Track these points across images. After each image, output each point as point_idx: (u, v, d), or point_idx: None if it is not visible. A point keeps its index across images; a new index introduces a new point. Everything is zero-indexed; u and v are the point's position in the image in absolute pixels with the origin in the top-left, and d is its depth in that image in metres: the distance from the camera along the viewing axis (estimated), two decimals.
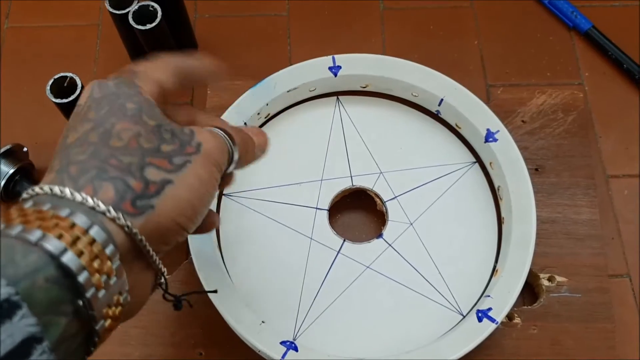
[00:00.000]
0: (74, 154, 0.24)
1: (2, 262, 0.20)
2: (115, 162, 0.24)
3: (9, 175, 0.45)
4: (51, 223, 0.21)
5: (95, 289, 0.22)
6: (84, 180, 0.23)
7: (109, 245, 0.23)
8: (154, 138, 0.25)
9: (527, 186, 0.42)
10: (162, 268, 0.26)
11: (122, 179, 0.24)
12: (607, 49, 0.53)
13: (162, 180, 0.25)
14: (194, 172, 0.26)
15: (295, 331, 0.41)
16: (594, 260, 0.44)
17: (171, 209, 0.25)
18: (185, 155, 0.26)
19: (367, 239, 0.44)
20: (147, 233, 0.24)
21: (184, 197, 0.25)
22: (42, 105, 0.47)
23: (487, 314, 0.39)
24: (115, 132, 0.25)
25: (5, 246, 0.20)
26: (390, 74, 0.46)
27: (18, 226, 0.21)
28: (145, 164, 0.24)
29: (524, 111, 0.48)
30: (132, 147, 0.25)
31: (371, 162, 0.46)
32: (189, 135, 0.26)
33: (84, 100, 0.27)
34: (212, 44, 0.54)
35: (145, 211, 0.24)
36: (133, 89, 0.27)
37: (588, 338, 0.42)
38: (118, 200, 0.23)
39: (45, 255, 0.21)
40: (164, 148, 0.25)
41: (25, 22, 0.56)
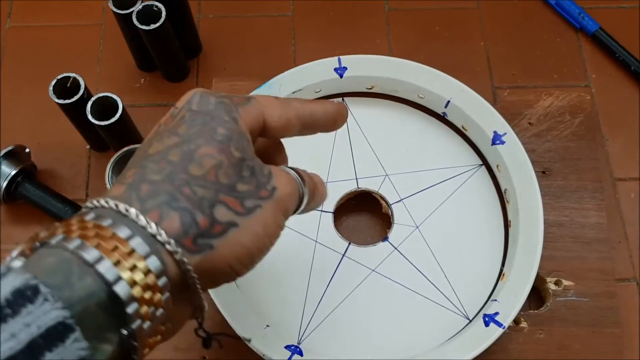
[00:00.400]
0: (150, 170, 0.24)
1: (58, 282, 0.20)
2: (188, 191, 0.23)
3: (10, 176, 0.45)
4: (110, 245, 0.21)
5: (141, 320, 0.21)
6: (152, 204, 0.23)
7: (162, 277, 0.22)
8: (232, 173, 0.25)
9: (534, 189, 0.42)
10: (205, 305, 0.25)
11: (191, 212, 0.23)
12: (614, 51, 0.52)
13: (228, 222, 0.24)
14: (262, 218, 0.25)
15: (299, 335, 0.41)
16: (601, 264, 0.44)
17: (230, 254, 0.24)
18: (257, 199, 0.25)
19: (372, 242, 0.44)
20: (199, 272, 0.23)
21: (245, 244, 0.25)
22: (45, 105, 0.47)
23: (494, 319, 0.39)
24: (198, 156, 0.24)
25: (62, 262, 0.20)
26: (396, 75, 0.45)
27: (77, 240, 0.21)
28: (217, 201, 0.24)
29: (530, 113, 0.48)
30: (209, 180, 0.24)
31: (377, 165, 0.46)
32: (267, 176, 0.26)
33: (181, 105, 0.26)
34: (216, 44, 0.54)
35: (204, 250, 0.23)
36: (230, 115, 0.26)
37: (595, 343, 0.42)
38: (181, 234, 0.23)
39: (100, 280, 0.20)
40: (239, 187, 0.25)
41: (27, 21, 0.55)
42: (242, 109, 0.27)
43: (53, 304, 0.19)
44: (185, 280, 0.23)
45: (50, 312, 0.19)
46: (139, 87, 0.52)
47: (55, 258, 0.20)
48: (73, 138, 0.48)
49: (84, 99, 0.42)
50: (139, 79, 0.53)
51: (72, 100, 0.42)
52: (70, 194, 0.47)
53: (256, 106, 0.27)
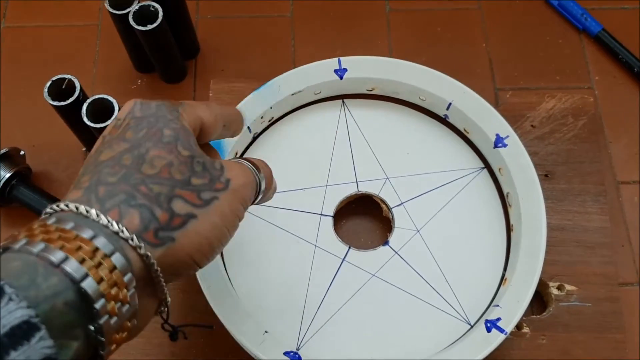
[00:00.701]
0: (104, 174, 0.24)
1: (23, 283, 0.20)
2: (145, 189, 0.24)
3: (5, 179, 0.44)
4: (74, 245, 0.21)
5: (109, 315, 0.22)
6: (111, 204, 0.24)
7: (128, 273, 0.23)
8: (185, 169, 0.25)
9: (537, 193, 0.41)
10: (168, 298, 0.26)
11: (149, 207, 0.24)
12: (617, 53, 0.52)
13: (187, 214, 0.25)
14: (219, 209, 0.26)
15: (298, 341, 0.40)
16: (605, 268, 0.43)
17: (190, 245, 0.25)
18: (213, 191, 0.26)
19: (372, 246, 0.43)
20: (163, 264, 0.24)
21: (205, 234, 0.25)
22: (40, 107, 0.46)
23: (496, 324, 0.38)
24: (149, 158, 0.25)
25: (27, 265, 0.21)
26: (397, 77, 0.45)
27: (40, 243, 0.21)
28: (174, 196, 0.25)
29: (533, 116, 0.47)
30: (163, 177, 0.25)
31: (377, 168, 0.45)
32: (220, 170, 0.27)
33: (123, 116, 0.27)
34: (214, 45, 0.53)
35: (166, 243, 0.24)
36: (173, 114, 0.27)
37: (598, 348, 0.41)
38: (142, 229, 0.24)
39: (66, 279, 0.21)
40: (194, 181, 0.25)
41: (22, 22, 0.55)
42: (181, 108, 0.28)
43: (17, 304, 0.19)
44: (149, 275, 0.24)
45: (14, 312, 0.19)
46: (135, 88, 0.52)
47: (20, 261, 0.21)
48: (68, 140, 0.48)
49: (79, 101, 0.42)
50: (136, 80, 0.52)
51: (67, 102, 0.41)
52: (65, 197, 0.46)
53: (190, 106, 0.29)
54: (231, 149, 0.43)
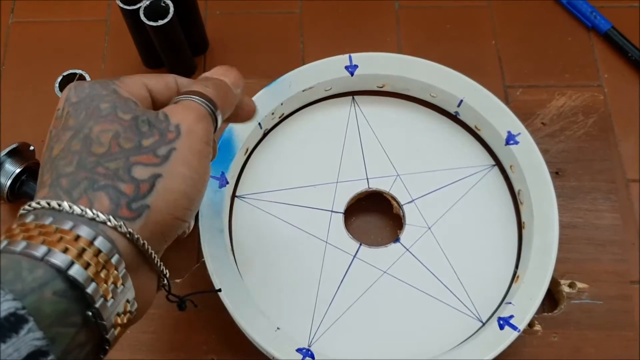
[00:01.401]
0: (61, 166, 0.24)
1: (9, 278, 0.20)
2: (102, 169, 0.24)
3: (15, 174, 0.44)
4: (55, 237, 0.22)
5: (103, 298, 0.22)
6: (78, 193, 0.24)
7: (114, 254, 0.23)
8: (132, 135, 0.25)
9: (549, 191, 0.41)
10: (164, 270, 0.26)
11: (113, 185, 0.24)
12: (626, 50, 0.52)
13: (151, 176, 0.24)
14: (181, 158, 0.25)
15: (310, 338, 0.40)
16: (616, 266, 0.43)
17: (166, 204, 0.24)
18: (168, 144, 0.25)
19: (383, 243, 0.43)
20: (148, 234, 0.24)
21: (176, 188, 0.25)
22: (49, 102, 0.46)
23: (508, 322, 0.38)
24: (95, 135, 0.25)
25: (11, 262, 0.21)
26: (408, 73, 0.45)
27: (22, 242, 0.21)
28: (132, 165, 0.24)
29: (543, 113, 0.47)
30: (114, 151, 0.25)
31: (388, 164, 0.45)
32: (165, 120, 0.26)
33: (62, 105, 0.27)
34: (223, 41, 0.53)
35: (143, 212, 0.24)
36: (107, 89, 0.27)
37: (610, 346, 0.41)
38: (114, 208, 0.23)
39: (52, 269, 0.21)
40: (145, 142, 0.25)
41: (30, 17, 0.54)
42: (119, 81, 0.27)
43: (3, 297, 0.19)
44: (140, 251, 0.24)
45: (0, 305, 0.19)
46: None
47: (4, 260, 0.21)
48: None
49: None
50: None
51: None
52: None
53: (132, 77, 0.28)
54: (242, 145, 0.43)
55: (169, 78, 0.29)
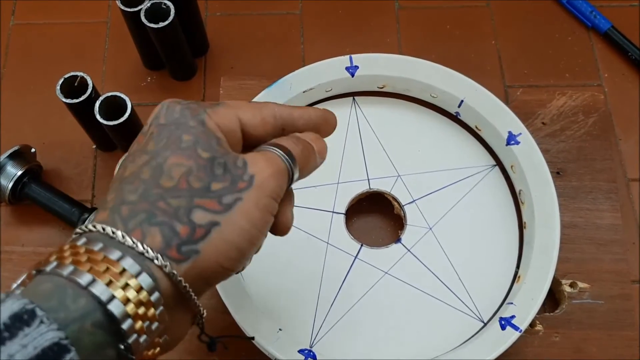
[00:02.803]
0: (127, 192, 0.25)
1: (53, 305, 0.20)
2: (163, 205, 0.24)
3: (16, 177, 0.44)
4: (102, 267, 0.22)
5: (137, 335, 0.22)
6: (134, 224, 0.24)
7: (155, 292, 0.23)
8: (204, 175, 0.25)
9: (550, 191, 0.41)
10: (202, 310, 0.26)
11: (169, 224, 0.24)
12: (626, 50, 0.52)
13: (208, 223, 0.24)
14: (244, 210, 0.25)
15: (312, 338, 0.40)
16: (617, 266, 0.43)
17: (216, 253, 0.24)
18: (235, 193, 0.25)
19: (384, 244, 0.43)
20: (191, 278, 0.24)
21: (230, 239, 0.25)
22: (50, 104, 0.46)
23: (510, 322, 0.38)
24: (167, 167, 0.25)
25: (57, 287, 0.21)
26: (409, 74, 0.45)
27: (70, 266, 0.22)
28: (193, 207, 0.24)
29: (544, 113, 0.47)
30: (181, 188, 0.24)
31: (388, 165, 0.45)
32: (242, 167, 0.25)
33: (150, 121, 0.27)
34: (223, 42, 0.53)
35: (191, 256, 0.24)
36: (195, 119, 0.26)
37: (611, 346, 0.41)
38: (164, 247, 0.23)
39: (94, 301, 0.21)
40: (214, 186, 0.25)
41: (31, 19, 0.54)
42: (210, 110, 0.27)
43: (48, 326, 0.20)
44: (179, 290, 0.24)
45: (46, 334, 0.19)
46: (145, 85, 0.51)
47: (50, 284, 0.21)
48: (79, 137, 0.48)
49: (91, 99, 0.42)
50: (146, 78, 0.52)
51: (80, 99, 0.41)
52: (76, 195, 0.46)
53: (226, 107, 0.27)
54: None
55: (266, 112, 0.28)
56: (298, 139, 0.29)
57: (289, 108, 0.30)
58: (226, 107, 0.27)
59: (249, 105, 0.28)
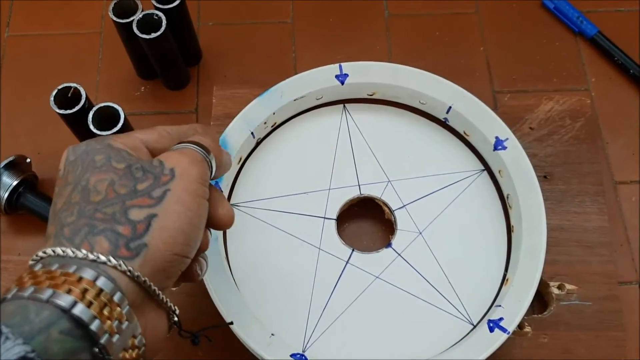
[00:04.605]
0: (64, 217, 0.26)
1: (17, 321, 0.21)
2: (100, 215, 0.25)
3: (12, 187, 0.44)
4: (60, 280, 0.23)
5: (109, 334, 0.23)
6: (79, 239, 0.25)
7: (116, 292, 0.24)
8: (127, 181, 0.26)
9: (537, 195, 0.42)
10: (172, 306, 0.27)
11: (111, 228, 0.25)
12: (613, 55, 0.52)
13: (146, 217, 0.26)
14: (176, 198, 0.26)
15: (304, 343, 0.41)
16: (604, 267, 0.44)
17: (163, 241, 0.26)
18: (162, 186, 0.26)
19: (375, 249, 0.44)
20: (148, 271, 0.25)
21: (171, 225, 0.26)
22: (45, 115, 0.47)
23: (498, 324, 0.39)
24: (92, 186, 0.26)
25: (20, 307, 0.22)
26: (398, 81, 0.45)
27: (30, 287, 0.23)
28: (128, 208, 0.26)
29: (531, 118, 0.48)
30: (111, 197, 0.26)
31: (379, 171, 0.46)
32: (160, 165, 0.27)
33: (62, 166, 0.28)
34: (216, 52, 0.54)
35: (141, 251, 0.25)
36: (101, 143, 0.28)
37: (599, 346, 0.42)
38: (114, 249, 0.25)
39: (57, 310, 0.22)
40: (139, 187, 0.26)
41: (25, 30, 0.55)
42: (113, 137, 0.29)
43: (14, 341, 0.20)
44: (143, 288, 0.25)
45: (12, 349, 0.20)
46: (139, 95, 0.52)
47: (13, 305, 0.22)
48: None
49: (85, 109, 0.42)
50: (139, 87, 0.52)
51: (73, 110, 0.42)
52: None
53: (125, 134, 0.30)
54: (235, 155, 0.43)
55: (159, 129, 0.31)
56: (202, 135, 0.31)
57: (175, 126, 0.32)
58: (124, 134, 0.30)
59: (142, 130, 0.30)
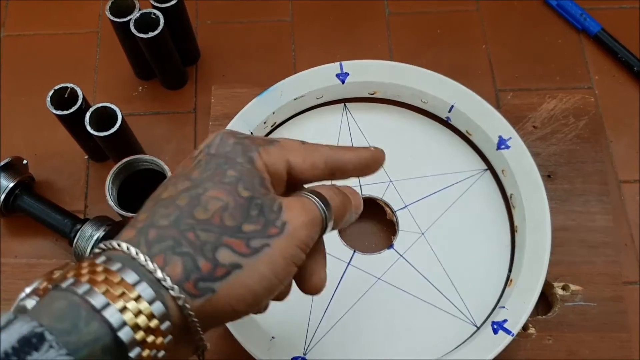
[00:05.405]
0: (159, 215, 0.24)
1: (66, 327, 0.20)
2: (192, 236, 0.24)
3: (8, 189, 0.44)
4: (117, 290, 0.22)
5: None
6: (158, 249, 0.23)
7: (166, 321, 0.23)
8: (238, 215, 0.24)
9: (541, 195, 0.41)
10: (206, 345, 0.26)
11: (193, 256, 0.23)
12: (616, 52, 0.52)
13: (231, 264, 0.24)
14: (269, 258, 0.24)
15: (305, 346, 0.40)
16: (609, 268, 0.43)
17: (231, 296, 0.24)
18: (265, 238, 0.24)
19: (377, 250, 0.43)
20: (202, 314, 0.24)
21: (249, 284, 0.24)
22: (41, 116, 0.46)
23: (502, 326, 0.38)
24: (205, 199, 0.25)
25: (71, 307, 0.21)
26: (399, 80, 0.45)
27: (85, 285, 0.22)
28: (221, 244, 0.24)
29: (535, 116, 0.48)
30: (213, 223, 0.24)
31: (380, 171, 0.45)
32: (277, 212, 0.25)
33: (201, 148, 0.27)
34: (214, 51, 0.53)
35: (206, 294, 0.23)
36: (244, 156, 0.26)
37: (604, 348, 0.41)
38: (183, 279, 0.23)
39: (106, 325, 0.21)
40: (245, 227, 0.24)
41: (21, 30, 0.55)
42: (262, 149, 0.27)
43: (57, 351, 0.19)
44: (187, 323, 0.24)
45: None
46: (136, 95, 0.52)
47: (64, 302, 0.21)
48: (71, 148, 0.48)
49: (82, 110, 0.42)
50: (137, 87, 0.52)
51: (70, 111, 0.41)
52: (68, 206, 0.46)
53: (279, 148, 0.27)
54: None
55: (317, 156, 0.28)
56: (339, 190, 0.29)
57: (341, 151, 0.29)
58: (279, 147, 0.27)
59: (302, 147, 0.28)
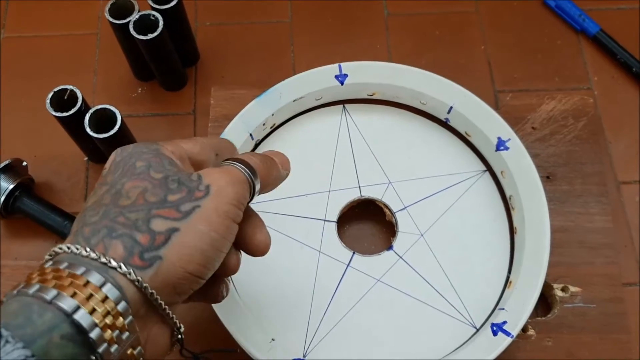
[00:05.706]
0: (88, 217, 0.26)
1: (20, 322, 0.21)
2: (122, 219, 0.25)
3: (8, 191, 0.44)
4: (66, 282, 0.22)
5: (107, 344, 0.22)
6: (96, 240, 0.25)
7: (121, 301, 0.23)
8: (159, 191, 0.26)
9: (540, 196, 0.41)
10: (178, 322, 0.26)
11: (130, 234, 0.25)
12: (615, 53, 0.52)
13: (168, 229, 0.25)
14: (203, 216, 0.25)
15: (305, 348, 0.40)
16: (608, 269, 0.43)
17: (179, 258, 0.25)
18: (193, 201, 0.26)
19: (377, 251, 0.43)
20: (158, 285, 0.25)
21: (191, 243, 0.25)
22: (41, 117, 0.46)
23: (502, 328, 0.38)
24: (125, 191, 0.26)
25: (23, 305, 0.22)
26: (398, 81, 0.45)
27: (35, 285, 0.22)
28: (152, 217, 0.25)
29: (533, 117, 0.48)
30: (138, 204, 0.25)
31: (379, 172, 0.45)
32: (197, 180, 0.27)
33: (108, 165, 0.28)
34: (214, 52, 0.53)
35: (154, 263, 0.24)
36: (149, 147, 0.28)
37: (603, 349, 0.41)
38: (127, 256, 0.24)
39: (60, 313, 0.22)
40: (170, 198, 0.26)
41: (21, 32, 0.55)
42: (164, 143, 0.29)
43: (14, 345, 0.20)
44: (149, 301, 0.25)
45: (11, 353, 0.20)
46: (136, 96, 0.52)
47: (17, 303, 0.22)
48: (70, 150, 0.48)
49: (81, 112, 0.42)
50: (136, 89, 0.52)
51: (69, 113, 0.41)
52: (68, 207, 0.46)
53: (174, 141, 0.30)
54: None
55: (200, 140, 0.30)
56: (254, 153, 0.31)
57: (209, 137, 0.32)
58: (171, 142, 0.29)
59: (185, 139, 0.30)
